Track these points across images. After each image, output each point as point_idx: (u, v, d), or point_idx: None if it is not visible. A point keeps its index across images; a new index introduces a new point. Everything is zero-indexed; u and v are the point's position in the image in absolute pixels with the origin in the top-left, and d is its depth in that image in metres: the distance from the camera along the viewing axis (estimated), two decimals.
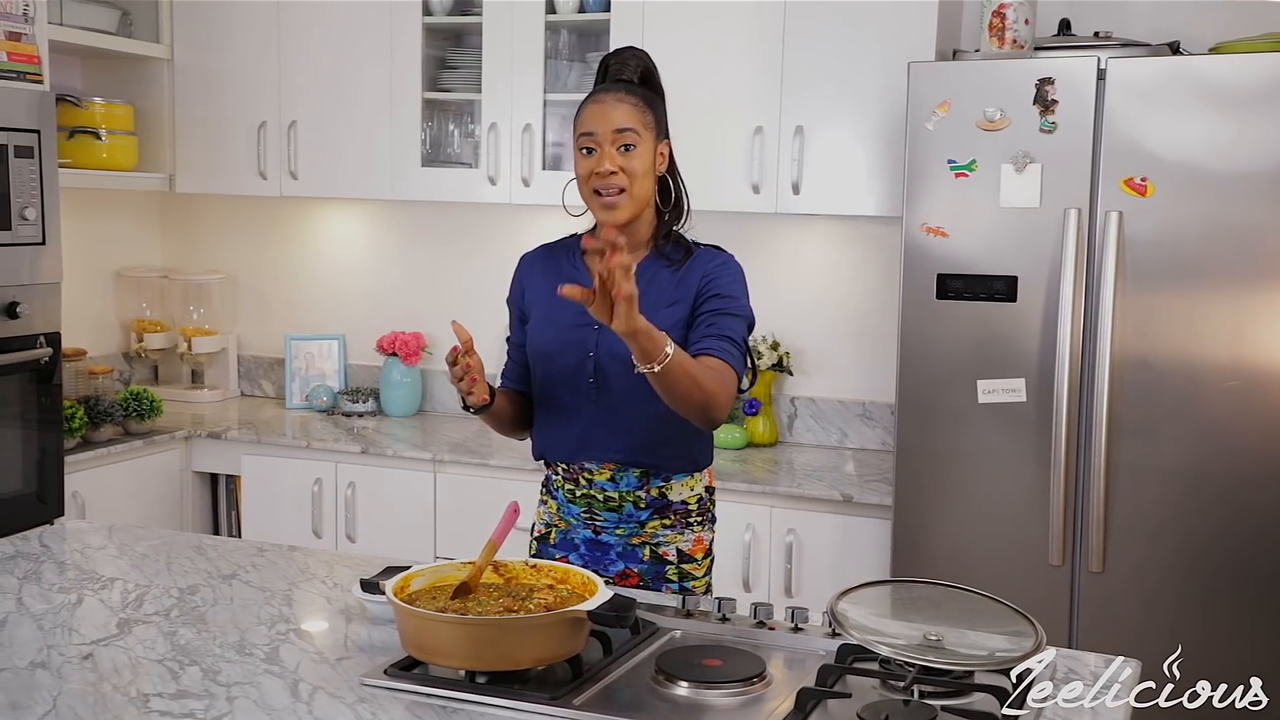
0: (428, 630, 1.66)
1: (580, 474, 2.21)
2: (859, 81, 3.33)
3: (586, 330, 2.15)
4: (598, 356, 2.16)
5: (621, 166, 2.10)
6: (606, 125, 2.10)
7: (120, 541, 2.38)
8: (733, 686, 1.72)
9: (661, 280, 2.17)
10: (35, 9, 3.25)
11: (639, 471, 2.18)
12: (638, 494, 2.19)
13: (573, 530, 2.25)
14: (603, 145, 2.10)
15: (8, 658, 1.75)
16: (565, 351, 2.18)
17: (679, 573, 2.22)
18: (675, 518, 2.22)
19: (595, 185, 2.12)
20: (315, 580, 2.17)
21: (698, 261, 2.18)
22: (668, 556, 2.22)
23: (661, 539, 2.21)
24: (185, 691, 1.65)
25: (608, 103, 2.12)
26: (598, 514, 2.21)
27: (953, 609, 1.83)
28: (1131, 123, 2.74)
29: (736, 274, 2.20)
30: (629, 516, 2.20)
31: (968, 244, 2.89)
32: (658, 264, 2.19)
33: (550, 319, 2.21)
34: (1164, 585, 2.81)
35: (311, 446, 3.69)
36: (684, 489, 2.22)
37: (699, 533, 2.25)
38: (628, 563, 2.22)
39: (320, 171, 3.93)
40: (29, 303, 3.17)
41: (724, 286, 2.15)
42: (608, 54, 2.24)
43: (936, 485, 2.97)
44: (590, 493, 2.21)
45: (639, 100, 2.15)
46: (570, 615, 1.66)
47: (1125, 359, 2.79)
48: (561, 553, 2.26)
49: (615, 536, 2.22)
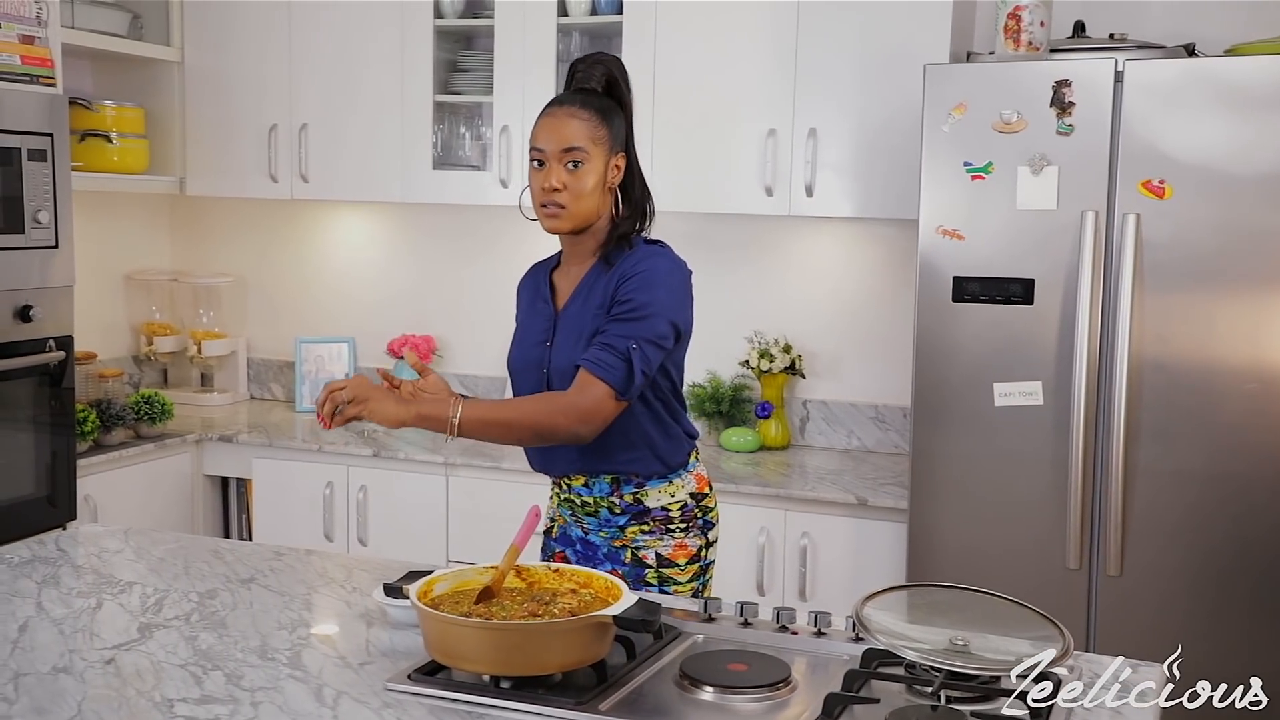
0: (453, 635, 1.65)
1: (561, 479, 2.27)
2: (873, 84, 3.32)
3: (541, 348, 2.23)
4: (549, 372, 2.21)
5: (566, 184, 2.13)
6: (555, 143, 2.13)
7: (137, 545, 2.38)
8: (758, 691, 1.71)
9: (598, 285, 2.19)
10: (48, 12, 3.25)
11: (609, 478, 2.21)
12: (611, 500, 2.23)
13: (569, 527, 2.32)
14: (550, 161, 2.13)
15: (30, 662, 1.75)
16: (526, 369, 2.26)
17: (659, 577, 2.24)
18: (654, 524, 2.24)
19: (541, 199, 2.17)
20: (334, 584, 2.16)
21: (624, 263, 2.17)
22: (646, 560, 2.24)
23: (640, 544, 2.24)
24: (209, 697, 1.64)
25: (559, 117, 2.14)
26: (580, 518, 2.28)
27: (978, 613, 1.82)
28: (1149, 125, 2.73)
29: (654, 276, 2.13)
30: (607, 521, 2.25)
31: (984, 246, 2.88)
32: (599, 269, 2.21)
33: (519, 339, 2.31)
34: (1182, 588, 2.80)
35: (323, 450, 3.68)
36: (662, 495, 2.23)
37: (680, 539, 2.26)
38: (613, 564, 2.25)
39: (331, 174, 3.93)
40: (42, 306, 3.17)
41: (632, 290, 2.12)
42: (577, 59, 2.24)
43: (952, 488, 2.96)
44: (570, 497, 2.27)
45: (593, 114, 2.15)
46: (596, 620, 1.66)
47: (1143, 362, 2.78)
48: (561, 547, 2.34)
49: (600, 538, 2.27)
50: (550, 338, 2.23)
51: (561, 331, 2.21)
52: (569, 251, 2.28)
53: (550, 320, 2.24)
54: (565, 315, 2.22)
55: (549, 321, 2.25)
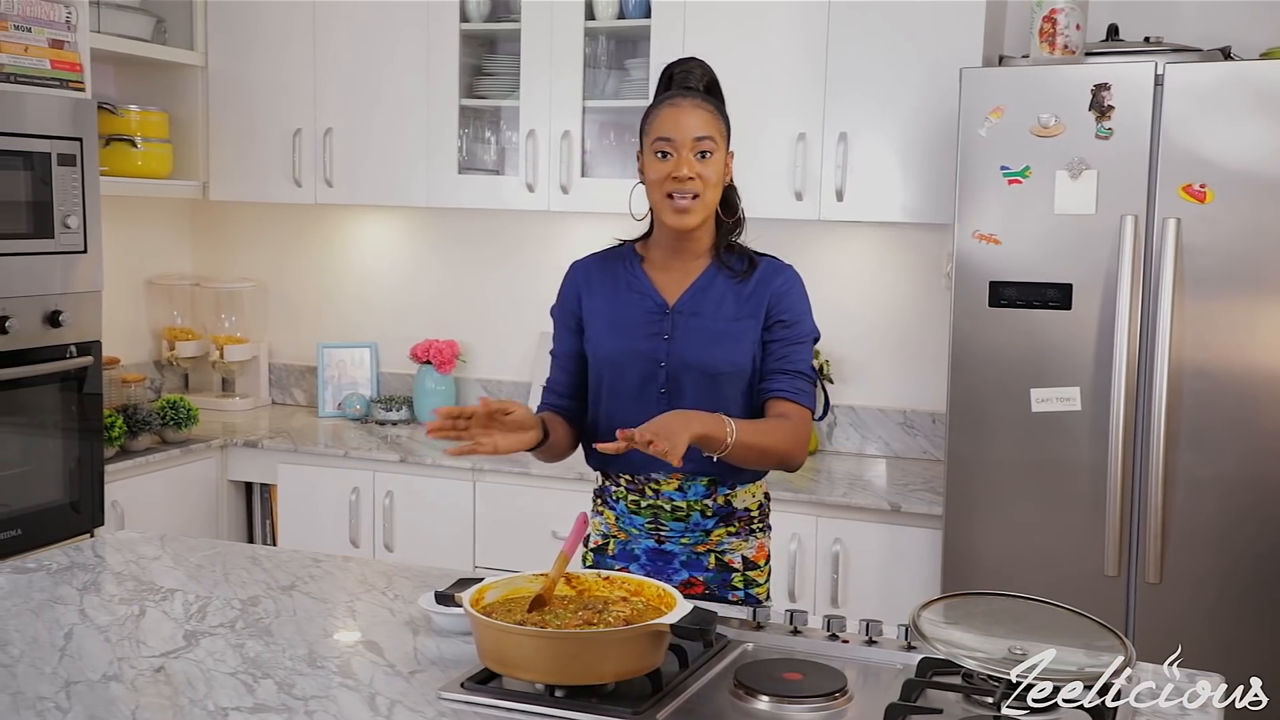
0: (509, 643, 1.63)
1: (646, 485, 2.17)
2: (904, 87, 3.30)
3: (657, 341, 2.14)
4: (669, 366, 2.13)
5: (699, 173, 2.07)
6: (685, 131, 2.08)
7: (174, 552, 2.36)
8: (815, 701, 1.69)
9: (727, 292, 2.15)
10: (77, 16, 3.23)
11: (706, 480, 2.15)
12: (705, 502, 2.16)
13: (634, 541, 2.21)
14: (680, 150, 2.07)
15: (79, 670, 1.73)
16: (636, 362, 2.15)
17: (744, 580, 2.20)
18: (740, 525, 2.19)
19: (670, 189, 2.08)
20: (375, 591, 2.14)
21: (764, 276, 2.17)
22: (733, 564, 2.19)
23: (727, 546, 2.19)
24: (263, 705, 1.62)
25: (685, 108, 2.09)
26: (663, 524, 2.18)
27: (1035, 622, 1.80)
28: (1190, 128, 2.71)
29: (801, 291, 2.20)
30: (695, 525, 2.17)
31: (1021, 251, 2.86)
32: (721, 274, 2.17)
33: (619, 328, 2.18)
34: (1222, 596, 2.78)
35: (349, 455, 3.66)
36: (748, 496, 2.20)
37: (761, 539, 2.23)
38: (692, 571, 2.18)
39: (356, 179, 3.91)
40: (70, 311, 3.16)
41: (791, 309, 2.16)
42: (672, 62, 2.21)
43: (988, 495, 2.94)
44: (657, 503, 2.17)
45: (714, 108, 2.13)
46: (654, 629, 1.64)
47: (1183, 367, 2.75)
48: (621, 563, 2.22)
49: (680, 545, 2.18)
50: (666, 332, 2.13)
51: (682, 329, 2.13)
52: (669, 249, 2.17)
53: (659, 314, 2.15)
54: (682, 314, 2.14)
55: (658, 315, 2.15)
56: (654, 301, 2.16)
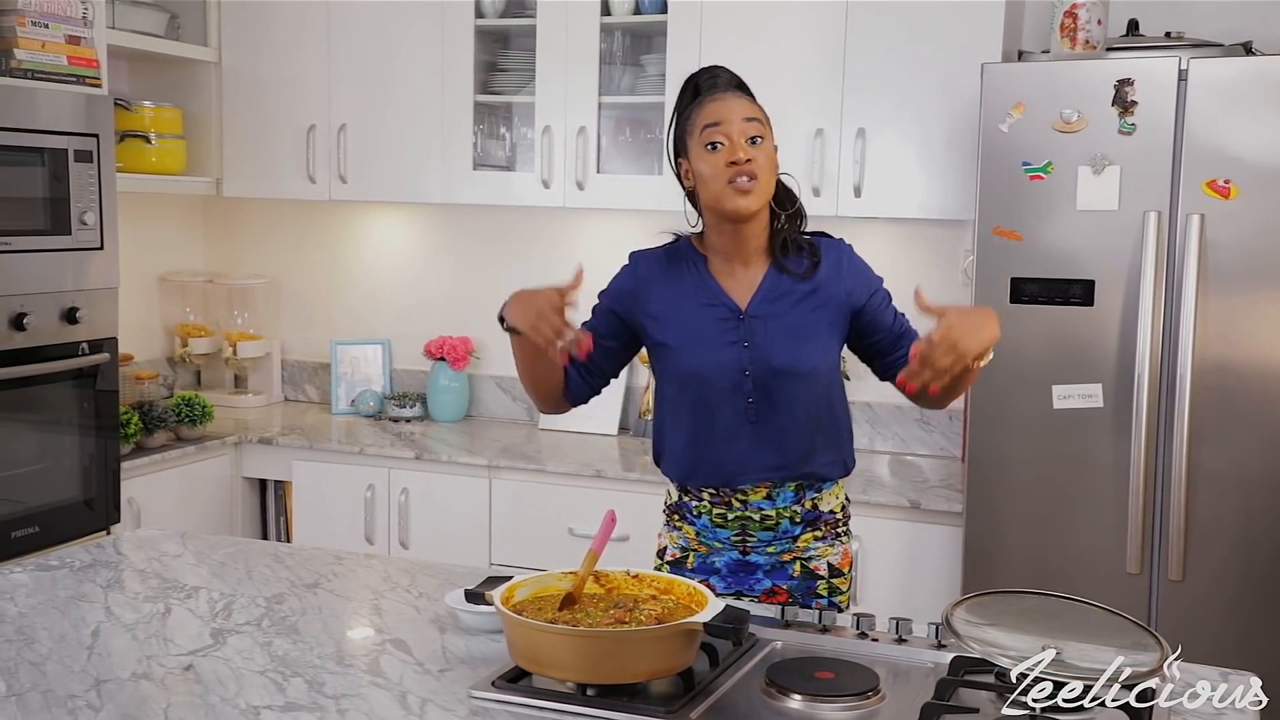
0: (541, 642, 1.62)
1: (733, 496, 2.13)
2: (922, 83, 3.29)
3: (737, 348, 2.08)
4: (755, 374, 2.08)
5: (753, 155, 2.02)
6: (734, 113, 2.04)
7: (196, 549, 2.35)
8: (847, 700, 1.68)
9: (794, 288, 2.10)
10: (94, 12, 3.22)
11: (794, 485, 2.12)
12: (794, 509, 2.13)
13: (715, 554, 2.17)
14: (733, 135, 2.02)
15: (109, 668, 1.72)
16: (720, 373, 2.08)
17: (829, 587, 2.17)
18: (825, 529, 2.17)
19: (729, 175, 2.01)
20: (399, 589, 2.13)
21: (829, 260, 2.14)
22: (818, 571, 2.17)
23: (813, 552, 2.16)
24: (294, 704, 1.61)
25: (728, 99, 2.07)
26: (751, 534, 2.14)
27: (1069, 620, 1.79)
28: (1213, 124, 2.70)
29: (861, 259, 2.22)
30: (784, 533, 2.14)
31: (1043, 247, 2.85)
32: (780, 275, 2.11)
33: (697, 338, 2.10)
34: (1245, 594, 2.77)
35: (364, 452, 3.65)
36: (832, 498, 2.18)
37: (846, 544, 2.21)
38: (775, 580, 2.16)
39: (370, 175, 3.90)
40: (86, 308, 3.15)
41: (869, 279, 2.20)
42: (694, 72, 2.17)
43: (1010, 492, 2.92)
44: (745, 514, 2.13)
45: (753, 99, 2.12)
46: (687, 627, 1.63)
47: (1206, 364, 2.74)
48: (701, 576, 2.17)
49: (765, 555, 2.15)
50: (745, 339, 2.08)
51: (763, 334, 2.07)
52: (726, 252, 2.11)
53: (733, 320, 2.09)
54: (758, 316, 2.09)
55: (733, 322, 2.09)
56: (726, 308, 2.10)
